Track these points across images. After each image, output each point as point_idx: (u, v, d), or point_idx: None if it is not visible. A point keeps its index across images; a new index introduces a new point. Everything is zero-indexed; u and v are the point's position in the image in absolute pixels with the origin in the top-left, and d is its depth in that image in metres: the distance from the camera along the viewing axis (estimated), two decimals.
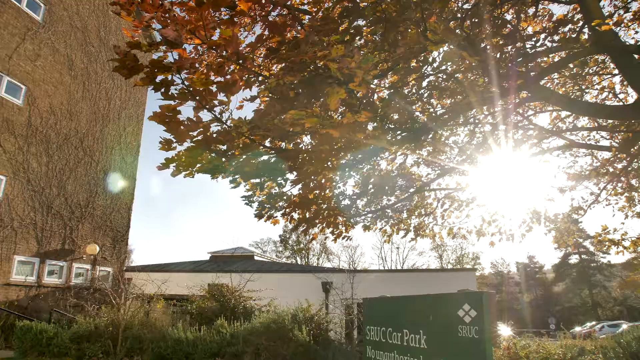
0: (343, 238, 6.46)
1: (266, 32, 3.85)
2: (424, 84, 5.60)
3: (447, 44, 3.56)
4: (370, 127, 4.20)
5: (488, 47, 4.88)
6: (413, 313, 3.80)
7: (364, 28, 4.64)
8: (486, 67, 4.04)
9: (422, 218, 7.99)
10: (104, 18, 19.54)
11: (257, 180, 4.79)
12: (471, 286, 17.89)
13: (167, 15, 2.96)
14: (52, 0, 16.79)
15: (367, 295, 4.86)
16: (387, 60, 5.14)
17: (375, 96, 6.09)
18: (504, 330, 10.64)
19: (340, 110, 4.44)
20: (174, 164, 3.62)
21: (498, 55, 4.84)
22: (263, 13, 3.98)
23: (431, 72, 4.73)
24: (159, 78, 3.04)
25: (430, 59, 4.37)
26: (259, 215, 5.49)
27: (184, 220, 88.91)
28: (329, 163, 4.12)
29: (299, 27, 4.33)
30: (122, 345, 10.55)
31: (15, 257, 14.75)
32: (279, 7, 4.07)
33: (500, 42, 4.78)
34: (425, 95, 5.77)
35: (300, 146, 4.71)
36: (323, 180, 5.02)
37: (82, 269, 17.63)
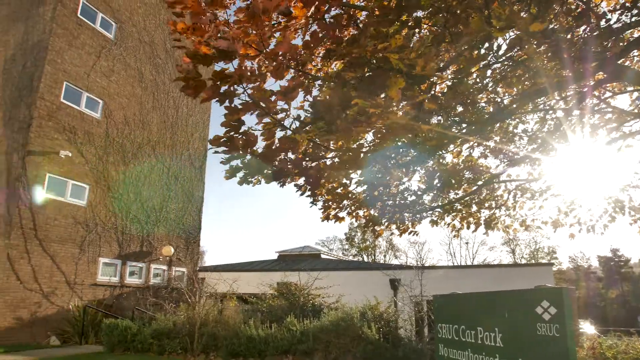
0: (409, 233, 6.36)
1: (322, 34, 3.87)
2: (488, 72, 5.39)
3: (513, 29, 3.40)
4: (434, 120, 4.10)
5: (558, 28, 4.61)
6: (487, 310, 3.67)
7: (423, 19, 4.54)
8: (557, 50, 3.81)
9: (493, 211, 7.68)
10: (168, 31, 20.51)
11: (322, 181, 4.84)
12: (548, 282, 17.00)
13: (219, 34, 3.05)
14: (122, 18, 17.87)
15: (436, 292, 4.76)
16: (448, 51, 4.99)
17: (437, 88, 5.94)
18: (587, 329, 10.02)
19: (401, 104, 4.38)
20: (240, 173, 3.74)
21: (569, 37, 4.56)
22: (318, 16, 4.00)
23: (496, 60, 4.53)
24: (223, 89, 3.15)
25: (495, 46, 4.19)
26: (325, 217, 5.53)
27: (252, 220, 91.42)
28: (392, 161, 4.07)
29: (355, 25, 4.31)
30: (198, 342, 11.04)
31: (100, 260, 15.87)
32: (333, 7, 4.07)
33: (572, 22, 4.49)
34: (490, 84, 5.54)
35: (362, 144, 4.70)
36: (388, 178, 4.97)
37: (159, 270, 18.65)
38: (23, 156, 13.67)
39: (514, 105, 5.04)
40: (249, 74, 3.06)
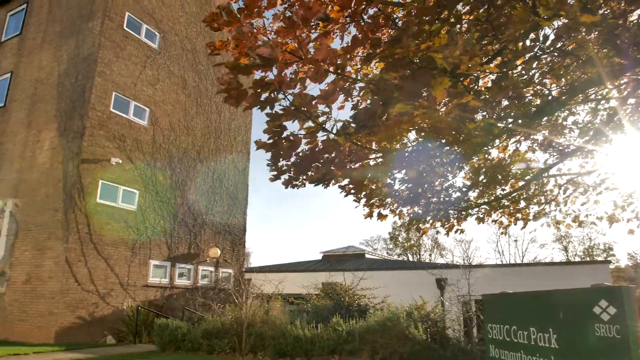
0: (455, 232, 6.23)
1: (360, 35, 3.86)
2: (535, 64, 5.20)
3: (561, 18, 3.27)
4: (479, 116, 4.00)
5: (608, 13, 4.39)
6: (540, 310, 3.54)
7: (463, 14, 4.43)
8: (609, 37, 3.63)
9: (542, 206, 7.40)
10: (209, 38, 21.02)
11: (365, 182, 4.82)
12: (605, 280, 16.24)
13: (259, 44, 3.10)
14: (165, 28, 18.46)
15: (485, 291, 4.64)
16: (491, 44, 4.86)
17: (481, 82, 5.80)
18: None
19: (444, 101, 4.29)
20: (285, 176, 3.78)
21: (622, 22, 4.33)
22: (356, 18, 3.99)
23: (543, 52, 4.36)
24: (263, 96, 3.20)
25: (541, 37, 4.03)
26: (368, 214, 5.50)
27: (296, 221, 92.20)
28: (437, 159, 4.00)
29: (393, 24, 4.26)
30: (246, 341, 11.24)
31: (151, 262, 16.45)
32: (371, 7, 4.05)
33: (625, 7, 4.26)
34: (537, 76, 5.35)
35: (405, 144, 4.65)
36: (432, 176, 4.89)
37: (207, 271, 19.13)
38: (77, 164, 14.36)
39: (563, 97, 4.83)
40: (288, 80, 3.10)
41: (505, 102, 4.86)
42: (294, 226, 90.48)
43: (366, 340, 10.12)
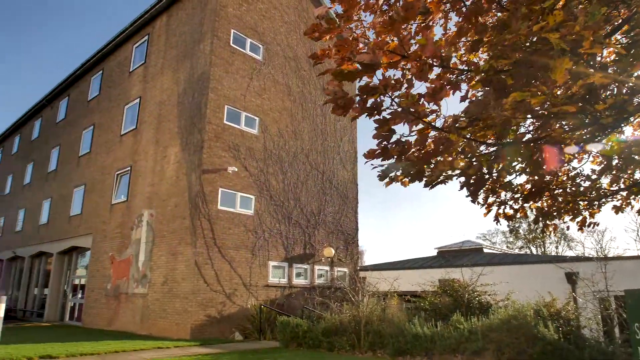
0: (588, 226, 5.62)
1: (464, 24, 3.65)
2: None
3: None
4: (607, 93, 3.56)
5: None
6: None
7: None
8: None
9: None
10: (309, 43, 21.58)
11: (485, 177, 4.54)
12: None
13: (360, 46, 3.07)
14: (267, 39, 19.33)
15: (628, 287, 4.14)
16: (617, 9, 4.31)
17: (605, 52, 5.18)
18: None
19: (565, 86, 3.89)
20: (392, 175, 3.72)
21: None
22: (457, 5, 3.77)
23: None
24: (370, 102, 3.17)
25: None
26: (495, 219, 5.17)
27: (409, 217, 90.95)
28: (561, 145, 3.64)
29: (499, 6, 3.98)
30: (364, 339, 11.32)
31: (270, 263, 17.33)
32: None
33: None
34: None
35: (523, 134, 4.29)
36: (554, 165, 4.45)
37: (322, 271, 19.65)
38: (199, 175, 15.63)
39: None
40: (393, 82, 3.03)
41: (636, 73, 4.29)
42: (406, 222, 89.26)
43: (490, 339, 9.62)
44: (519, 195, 4.96)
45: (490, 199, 5.01)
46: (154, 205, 17.53)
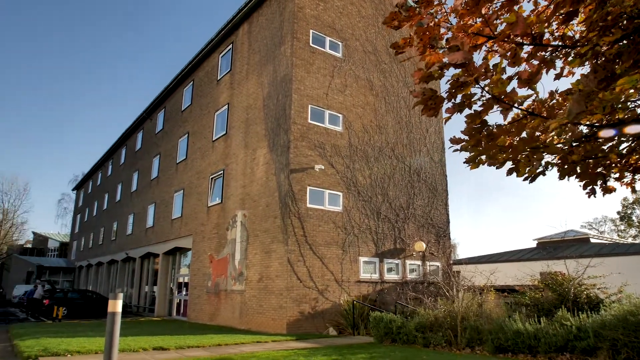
0: None
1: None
2: None
3: None
4: None
5: None
6: None
7: None
8: None
9: None
10: (388, 35, 21.24)
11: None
12: None
13: (442, 31, 2.92)
14: (346, 36, 19.35)
15: None
16: None
17: None
18: None
19: None
20: (481, 157, 3.52)
21: None
22: None
23: None
24: (459, 97, 3.01)
25: None
26: (591, 192, 4.68)
27: (503, 207, 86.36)
28: None
29: None
30: (462, 335, 10.90)
31: (360, 259, 17.35)
32: None
33: None
34: None
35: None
36: None
37: (414, 265, 19.26)
38: (288, 174, 16.07)
39: None
40: (483, 70, 2.85)
41: None
42: (501, 213, 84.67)
43: (603, 337, 8.79)
44: (627, 168, 4.40)
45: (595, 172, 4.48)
46: (246, 206, 18.35)
